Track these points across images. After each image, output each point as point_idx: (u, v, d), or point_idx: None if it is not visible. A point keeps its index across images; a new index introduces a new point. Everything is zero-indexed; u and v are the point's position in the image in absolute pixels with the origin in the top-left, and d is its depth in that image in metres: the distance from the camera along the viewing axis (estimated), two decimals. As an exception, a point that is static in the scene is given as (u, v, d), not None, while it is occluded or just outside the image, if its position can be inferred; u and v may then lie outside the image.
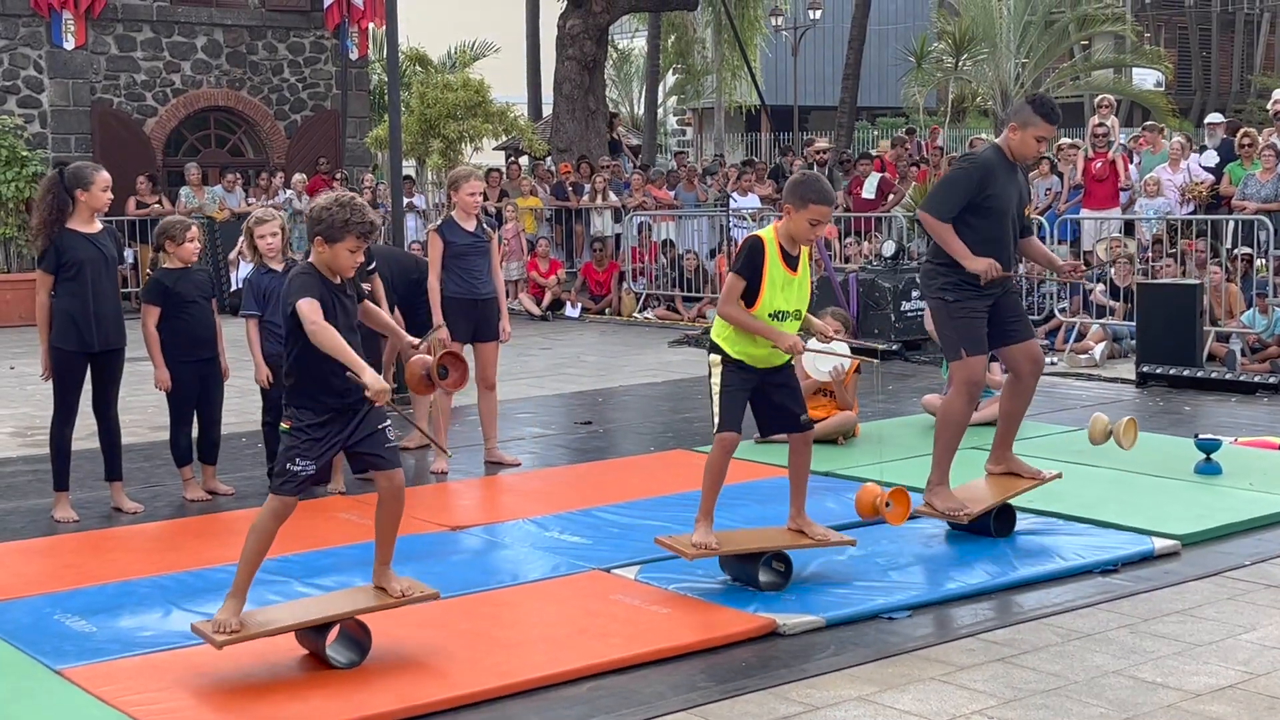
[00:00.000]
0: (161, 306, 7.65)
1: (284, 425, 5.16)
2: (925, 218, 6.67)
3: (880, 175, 17.65)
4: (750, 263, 5.90)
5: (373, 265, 8.13)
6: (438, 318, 8.26)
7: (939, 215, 6.57)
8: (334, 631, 5.13)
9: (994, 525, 6.66)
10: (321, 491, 7.64)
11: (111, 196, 7.42)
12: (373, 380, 4.94)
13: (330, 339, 4.94)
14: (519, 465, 8.65)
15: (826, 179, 6.36)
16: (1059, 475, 7.00)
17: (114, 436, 7.62)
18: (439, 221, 8.52)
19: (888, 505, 6.05)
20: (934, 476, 6.67)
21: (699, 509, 5.99)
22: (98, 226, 7.43)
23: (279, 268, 7.81)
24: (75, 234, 7.30)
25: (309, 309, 4.98)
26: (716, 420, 5.98)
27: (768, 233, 5.98)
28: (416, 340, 5.69)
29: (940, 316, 6.74)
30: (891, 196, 17.30)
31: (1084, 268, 7.32)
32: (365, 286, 6.85)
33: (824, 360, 8.08)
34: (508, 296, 10.60)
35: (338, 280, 5.16)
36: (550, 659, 5.10)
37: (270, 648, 5.20)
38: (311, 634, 5.11)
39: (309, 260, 5.20)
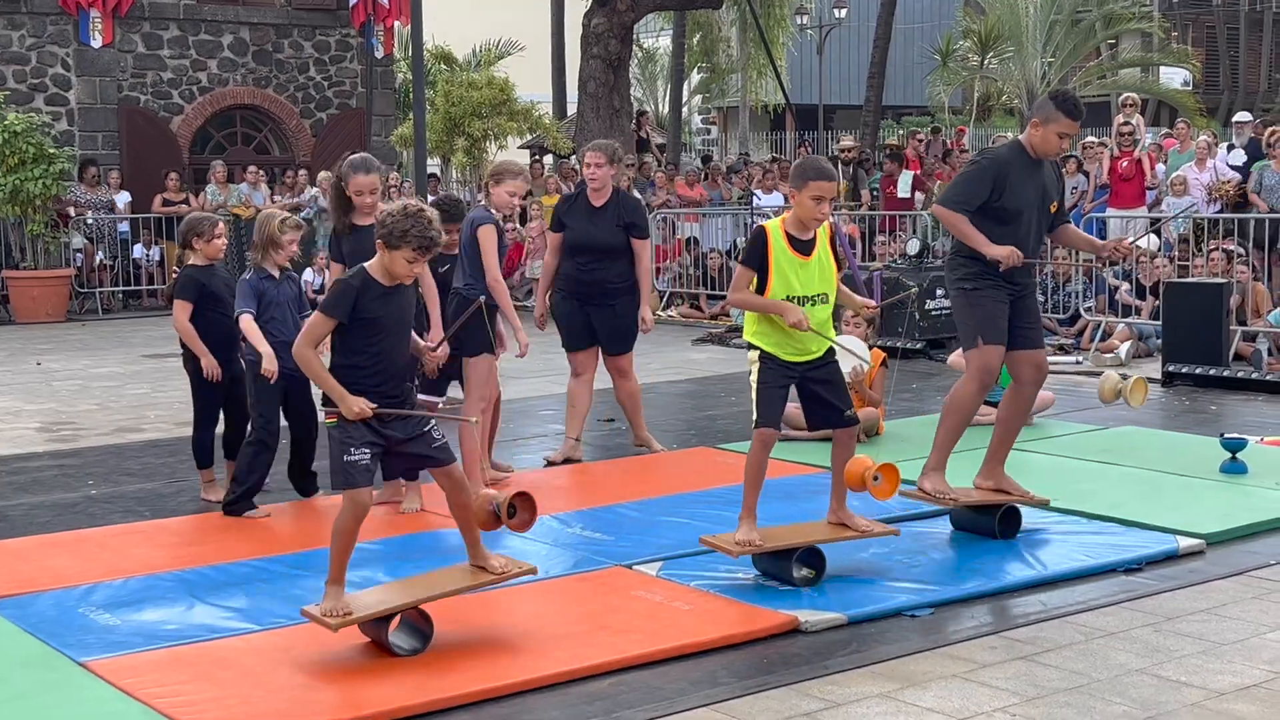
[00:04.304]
0: (195, 303, 7.52)
1: (329, 420, 5.19)
2: (939, 210, 6.60)
3: (914, 174, 17.58)
4: (754, 252, 5.95)
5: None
6: (510, 313, 7.76)
7: (953, 206, 6.49)
8: (396, 620, 5.16)
9: (998, 528, 6.59)
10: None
11: (365, 199, 7.30)
12: (351, 408, 5.08)
13: (308, 364, 5.17)
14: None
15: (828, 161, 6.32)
16: (1047, 501, 6.87)
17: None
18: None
19: (876, 479, 5.83)
20: (932, 460, 6.62)
21: (742, 506, 5.98)
22: (369, 220, 7.22)
23: (277, 274, 7.42)
24: (361, 230, 7.25)
25: (307, 325, 5.28)
26: (755, 416, 5.98)
27: (773, 223, 6.00)
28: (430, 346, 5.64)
29: (959, 306, 6.68)
30: (921, 196, 17.23)
31: (1127, 241, 7.18)
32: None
33: (843, 361, 8.04)
34: (529, 295, 10.48)
35: (393, 284, 5.22)
36: (572, 654, 5.10)
37: (292, 641, 5.23)
38: (374, 621, 5.14)
39: (365, 264, 5.29)
